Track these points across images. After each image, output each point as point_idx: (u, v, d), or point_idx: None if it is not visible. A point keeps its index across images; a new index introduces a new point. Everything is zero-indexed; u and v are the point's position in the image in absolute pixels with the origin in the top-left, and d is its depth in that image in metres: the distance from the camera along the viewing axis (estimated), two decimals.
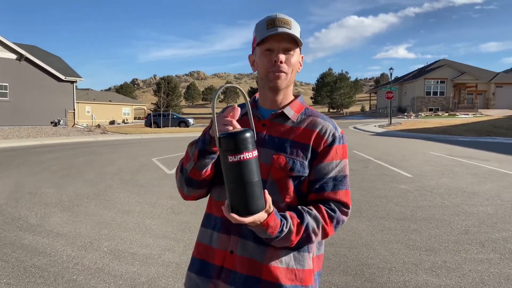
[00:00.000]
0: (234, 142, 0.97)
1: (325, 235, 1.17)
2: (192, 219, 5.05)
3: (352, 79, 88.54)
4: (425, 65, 53.22)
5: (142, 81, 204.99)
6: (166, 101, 43.65)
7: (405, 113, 42.16)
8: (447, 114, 39.73)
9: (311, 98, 79.28)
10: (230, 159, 0.97)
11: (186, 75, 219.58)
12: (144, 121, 39.85)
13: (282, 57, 1.18)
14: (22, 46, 24.94)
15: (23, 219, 4.99)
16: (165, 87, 47.54)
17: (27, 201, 5.95)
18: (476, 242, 4.15)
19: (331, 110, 75.05)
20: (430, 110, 43.78)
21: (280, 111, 1.24)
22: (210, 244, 1.23)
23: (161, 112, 34.64)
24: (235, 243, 1.17)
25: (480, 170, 9.01)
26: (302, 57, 1.29)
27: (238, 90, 1.07)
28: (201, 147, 1.14)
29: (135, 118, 61.02)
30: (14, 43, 23.75)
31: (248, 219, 0.99)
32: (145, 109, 66.53)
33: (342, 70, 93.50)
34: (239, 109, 1.07)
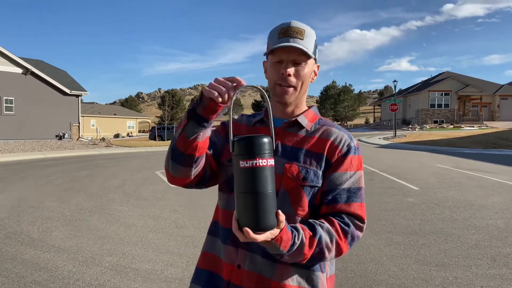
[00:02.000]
0: (247, 146, 0.88)
1: (339, 251, 1.07)
2: (196, 233, 4.97)
3: (356, 91, 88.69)
4: (429, 77, 53.22)
5: (147, 94, 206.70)
6: (171, 114, 43.98)
7: (410, 126, 42.04)
8: (452, 126, 39.57)
9: None
10: (242, 164, 0.88)
11: (191, 88, 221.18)
12: (148, 134, 40.00)
13: (290, 70, 1.13)
14: (28, 61, 25.21)
15: (25, 234, 4.93)
16: (169, 100, 47.85)
17: (29, 215, 5.90)
18: (487, 257, 4.04)
19: (335, 123, 74.98)
20: (435, 122, 43.64)
21: (294, 119, 1.19)
22: (219, 255, 1.16)
23: (166, 125, 34.85)
24: (243, 257, 1.11)
25: (487, 182, 8.87)
26: (318, 66, 1.23)
27: (259, 92, 1.00)
28: (190, 107, 1.04)
29: (139, 131, 61.30)
30: (20, 58, 24.01)
31: (260, 237, 0.90)
32: (150, 122, 66.87)
33: (345, 83, 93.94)
34: (244, 82, 0.97)
